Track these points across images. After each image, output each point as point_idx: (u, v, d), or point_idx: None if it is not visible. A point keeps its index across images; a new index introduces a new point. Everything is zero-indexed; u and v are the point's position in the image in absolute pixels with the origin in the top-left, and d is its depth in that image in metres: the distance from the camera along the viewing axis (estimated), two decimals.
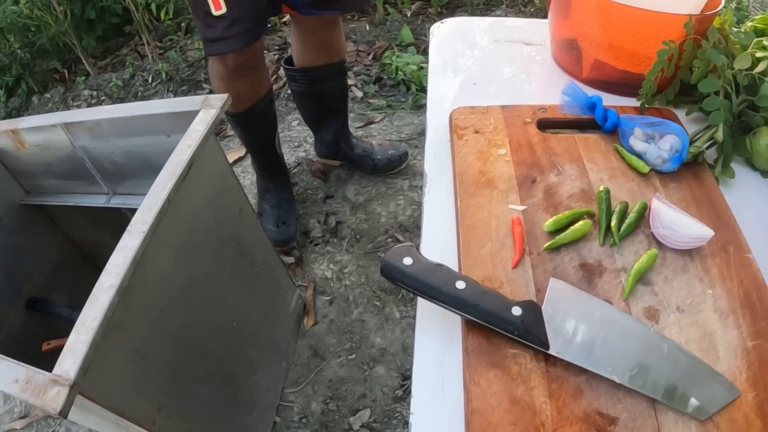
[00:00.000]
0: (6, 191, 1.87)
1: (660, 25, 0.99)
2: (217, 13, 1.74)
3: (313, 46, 2.04)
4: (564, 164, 0.90)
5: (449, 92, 1.14)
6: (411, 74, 2.84)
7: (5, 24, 3.61)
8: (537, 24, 1.37)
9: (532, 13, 3.23)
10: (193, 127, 1.26)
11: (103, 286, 1.02)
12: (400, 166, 2.33)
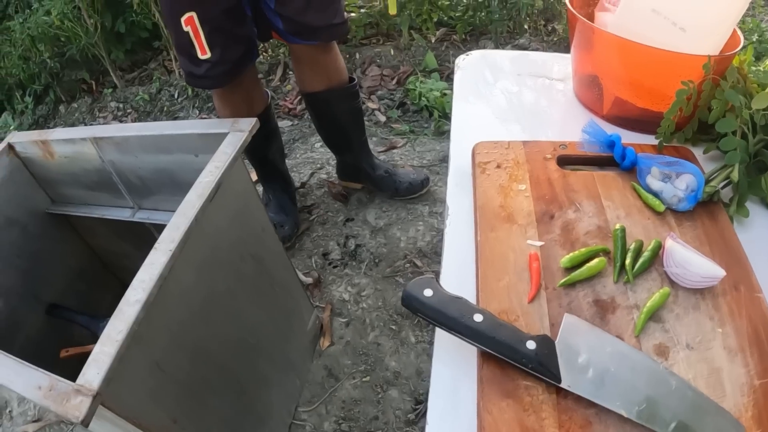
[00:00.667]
0: (32, 199, 1.93)
1: (680, 65, 1.02)
2: (203, 57, 1.84)
3: (310, 71, 2.10)
4: (582, 201, 0.93)
5: (473, 125, 1.18)
6: (434, 100, 2.89)
7: (36, 33, 3.70)
8: (560, 58, 1.41)
9: (554, 42, 3.27)
10: (221, 149, 1.31)
11: (130, 300, 1.06)
12: (421, 192, 2.37)
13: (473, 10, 3.39)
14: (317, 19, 1.88)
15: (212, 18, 1.77)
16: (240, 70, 1.95)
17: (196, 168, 1.48)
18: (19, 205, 1.89)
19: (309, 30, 1.90)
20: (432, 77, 3.13)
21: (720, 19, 1.06)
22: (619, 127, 1.16)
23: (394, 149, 2.70)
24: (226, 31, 1.83)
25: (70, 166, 1.80)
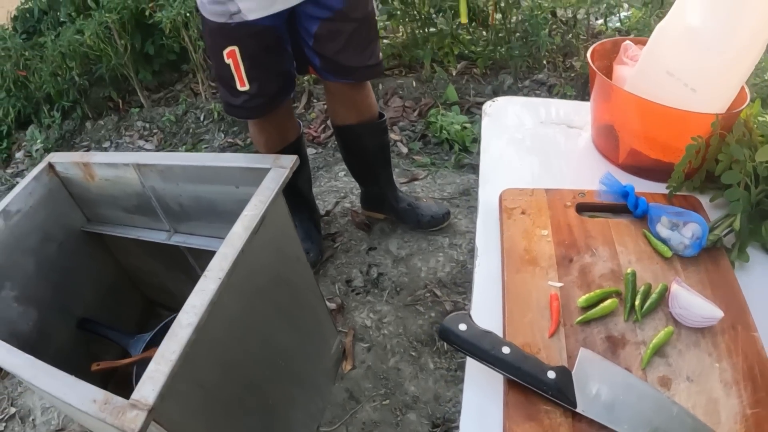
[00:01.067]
0: (69, 217, 2.06)
1: (690, 123, 1.14)
2: (242, 89, 1.97)
3: (342, 106, 2.23)
4: (598, 246, 1.06)
5: (499, 171, 1.30)
6: (455, 134, 3.02)
7: (67, 51, 3.86)
8: (579, 106, 1.53)
9: (572, 78, 3.39)
10: (265, 184, 1.43)
11: (182, 323, 1.18)
12: (442, 225, 2.50)
13: (494, 45, 3.52)
14: (353, 60, 2.00)
15: (253, 53, 1.89)
16: (276, 103, 2.08)
17: (236, 198, 1.62)
18: (57, 223, 2.01)
19: (345, 69, 2.02)
20: (452, 110, 3.26)
21: (728, 81, 1.18)
22: (633, 175, 1.28)
23: (415, 181, 2.83)
24: (265, 66, 1.95)
25: (110, 189, 1.92)
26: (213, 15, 1.85)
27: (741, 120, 1.17)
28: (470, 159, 2.95)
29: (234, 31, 1.85)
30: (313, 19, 1.90)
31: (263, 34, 1.88)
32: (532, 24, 3.25)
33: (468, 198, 2.66)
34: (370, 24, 2.02)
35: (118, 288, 2.31)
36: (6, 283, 1.84)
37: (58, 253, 2.02)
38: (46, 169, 1.95)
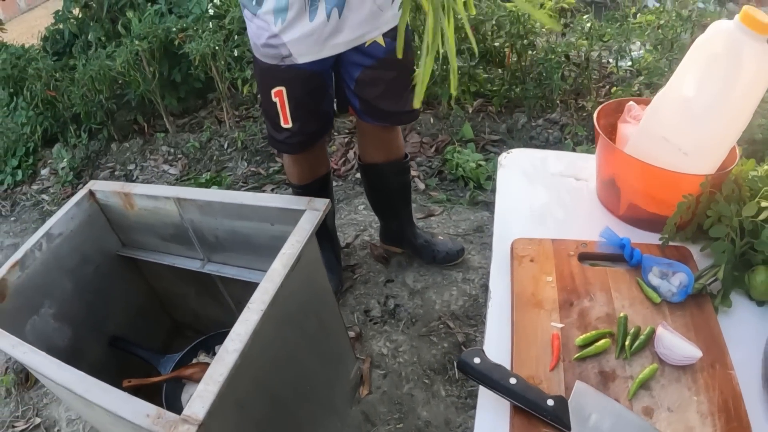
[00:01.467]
0: (106, 242, 2.23)
1: (682, 182, 1.31)
2: (285, 126, 2.14)
3: (372, 145, 2.41)
4: (596, 292, 1.23)
5: (512, 220, 1.48)
6: (470, 171, 3.19)
7: (98, 76, 4.04)
8: (586, 159, 1.70)
9: (583, 117, 3.55)
10: (301, 225, 1.61)
11: (228, 349, 1.36)
12: (456, 260, 2.67)
13: (509, 85, 3.70)
14: (391, 106, 2.17)
15: (298, 95, 2.06)
16: (314, 140, 2.26)
17: (270, 234, 1.80)
18: (94, 246, 2.18)
19: (382, 114, 2.20)
20: (468, 147, 3.44)
21: (718, 146, 1.35)
22: (632, 226, 1.45)
23: (431, 217, 3.01)
24: (308, 107, 2.12)
25: (148, 218, 2.10)
26: (265, 57, 2.01)
27: (731, 177, 1.33)
28: (484, 196, 3.13)
29: (283, 73, 2.01)
30: (357, 66, 2.06)
31: (310, 78, 2.04)
32: (546, 67, 3.43)
33: (481, 235, 2.84)
34: (409, 73, 2.18)
35: (147, 309, 2.48)
36: (45, 301, 2.01)
37: (94, 275, 2.19)
38: (87, 196, 2.13)
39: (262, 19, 1.92)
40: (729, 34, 1.24)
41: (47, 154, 4.73)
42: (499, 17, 3.41)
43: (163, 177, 4.11)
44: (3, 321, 1.74)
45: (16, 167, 4.69)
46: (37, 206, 4.32)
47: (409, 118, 2.33)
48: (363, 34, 1.97)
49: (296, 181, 2.46)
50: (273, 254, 1.81)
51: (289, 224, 1.69)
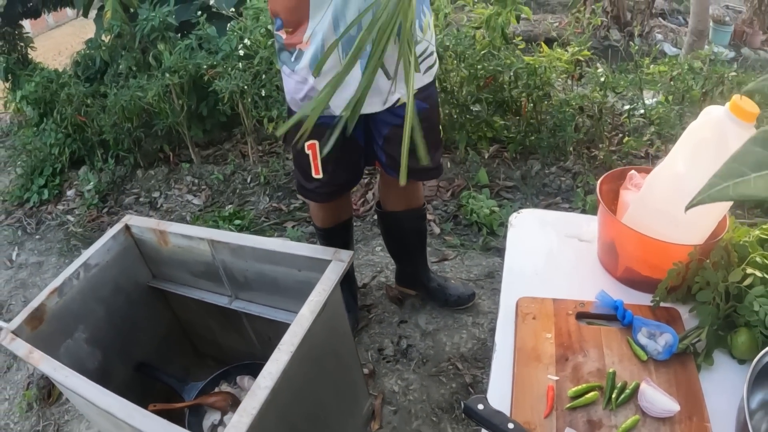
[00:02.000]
0: (137, 273, 2.40)
1: (673, 251, 1.49)
2: (316, 176, 2.28)
3: (394, 195, 2.58)
4: (589, 349, 1.42)
5: (518, 279, 1.67)
6: (484, 217, 3.39)
7: (129, 106, 4.26)
8: (589, 220, 1.88)
9: (595, 166, 3.73)
10: (327, 275, 1.79)
11: (261, 385, 1.53)
12: (467, 304, 2.86)
13: (524, 134, 3.90)
14: (416, 163, 2.28)
15: (331, 149, 2.24)
16: (343, 191, 2.44)
17: (297, 279, 1.98)
18: (126, 277, 2.35)
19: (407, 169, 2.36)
20: (483, 192, 3.63)
21: (706, 219, 1.54)
22: (628, 287, 1.64)
23: (445, 261, 3.20)
24: (339, 160, 2.25)
25: (181, 254, 2.26)
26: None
27: (722, 244, 1.51)
28: (496, 242, 3.32)
29: (317, 128, 2.11)
30: (386, 124, 2.19)
31: (342, 133, 2.22)
32: (560, 119, 3.63)
33: (492, 281, 3.03)
34: (435, 132, 2.34)
35: (171, 336, 2.64)
36: (80, 326, 2.17)
37: (125, 303, 2.36)
38: (123, 230, 2.31)
39: (300, 74, 2.05)
40: (718, 120, 1.43)
41: (73, 175, 4.97)
42: (518, 69, 3.61)
43: (186, 207, 4.31)
44: (40, 343, 1.89)
45: (42, 186, 4.92)
46: (62, 227, 4.52)
47: (433, 174, 2.45)
48: (396, 96, 2.10)
49: (320, 224, 2.64)
50: (298, 296, 1.96)
51: (315, 271, 1.87)
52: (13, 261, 4.30)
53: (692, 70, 3.46)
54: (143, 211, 4.41)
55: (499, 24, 3.71)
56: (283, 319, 2.12)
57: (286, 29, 2.05)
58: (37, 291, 3.85)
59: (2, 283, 4.07)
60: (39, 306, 2.02)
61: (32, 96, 4.78)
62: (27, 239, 4.52)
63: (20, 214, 4.81)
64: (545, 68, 3.60)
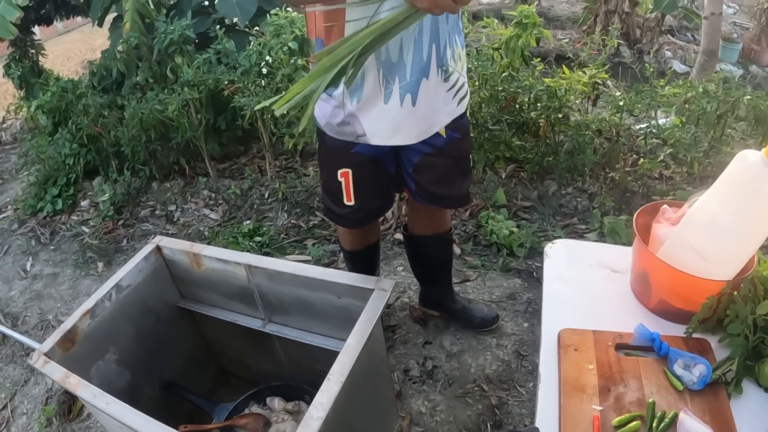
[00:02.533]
0: (167, 293, 2.45)
1: (706, 287, 1.59)
2: (348, 203, 2.32)
3: (421, 221, 2.65)
4: (629, 379, 1.52)
5: (557, 310, 1.77)
6: (503, 238, 3.48)
7: (148, 119, 4.35)
8: (621, 252, 1.99)
9: (611, 188, 3.83)
10: (371, 305, 1.87)
11: (313, 416, 1.61)
12: (491, 327, 2.94)
13: (542, 155, 4.00)
14: (445, 191, 2.35)
15: (363, 177, 2.25)
16: (374, 217, 2.50)
17: (336, 306, 2.05)
18: (156, 297, 2.40)
19: (436, 197, 2.37)
20: (501, 212, 3.73)
21: (738, 257, 1.63)
22: (661, 318, 1.74)
23: (467, 282, 3.29)
24: (371, 188, 2.30)
25: (214, 277, 2.31)
26: (340, 135, 2.15)
27: (749, 279, 1.61)
28: (516, 264, 3.42)
29: (352, 156, 2.18)
30: (417, 152, 2.22)
31: (375, 163, 2.22)
32: (579, 142, 3.73)
33: (513, 302, 3.12)
34: (465, 161, 2.40)
35: (198, 356, 2.70)
36: (111, 347, 2.22)
37: (155, 324, 2.41)
38: (154, 251, 2.36)
39: (337, 99, 2.06)
40: (753, 165, 1.52)
41: (87, 186, 5.05)
42: (538, 91, 3.71)
43: (204, 221, 4.39)
44: (71, 365, 1.93)
45: (56, 196, 4.99)
46: (76, 238, 4.59)
47: (461, 202, 2.54)
48: (432, 126, 2.15)
49: (348, 247, 2.72)
50: (335, 322, 2.08)
51: (356, 299, 1.95)
52: (27, 271, 4.35)
53: (707, 93, 3.55)
54: (159, 225, 4.49)
55: (519, 46, 3.82)
56: (318, 344, 2.19)
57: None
58: (52, 303, 3.95)
59: (17, 294, 4.12)
60: (71, 328, 2.06)
61: (47, 105, 4.85)
62: (41, 249, 4.58)
63: (33, 224, 4.87)
64: (565, 91, 3.69)
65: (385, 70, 1.97)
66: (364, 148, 2.18)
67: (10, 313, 3.91)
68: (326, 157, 2.33)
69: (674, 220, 1.80)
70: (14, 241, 4.74)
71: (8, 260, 4.55)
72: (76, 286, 4.06)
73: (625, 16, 8.30)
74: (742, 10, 11.17)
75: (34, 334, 3.66)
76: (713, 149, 3.60)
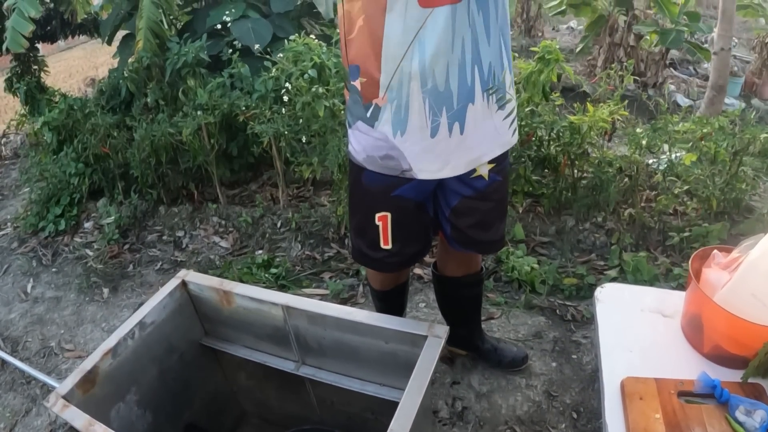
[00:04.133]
0: (191, 330, 2.40)
1: (764, 332, 1.64)
2: (385, 247, 2.24)
3: (453, 263, 2.61)
4: (694, 426, 1.55)
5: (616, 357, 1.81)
6: (525, 275, 3.51)
7: (160, 143, 4.35)
8: (669, 295, 2.03)
9: (629, 223, 3.89)
10: (427, 354, 1.86)
11: None
12: (521, 367, 2.94)
13: (560, 191, 4.04)
14: (481, 235, 2.30)
15: (403, 221, 2.19)
16: (413, 262, 2.46)
17: (382, 351, 2.02)
18: (181, 335, 2.35)
19: (471, 242, 2.33)
20: (519, 248, 3.76)
21: None
22: (714, 362, 1.78)
23: (492, 320, 3.29)
24: (410, 232, 2.25)
25: (245, 316, 2.27)
26: (381, 168, 2.07)
27: None
28: (538, 301, 3.44)
29: (392, 200, 2.12)
30: (456, 194, 2.17)
31: (415, 208, 2.17)
32: (602, 179, 3.77)
33: (540, 341, 3.13)
34: (504, 204, 2.35)
35: (220, 396, 2.62)
36: (132, 388, 2.15)
37: (179, 363, 2.35)
38: (179, 287, 2.31)
39: (380, 131, 2.00)
40: None
41: (91, 207, 4.99)
42: (561, 128, 3.76)
43: (213, 249, 4.36)
44: (91, 408, 1.88)
45: (59, 216, 4.93)
46: (80, 260, 4.52)
47: (496, 247, 2.48)
48: (482, 155, 2.08)
49: (378, 287, 2.67)
50: (380, 367, 2.06)
51: (404, 344, 1.93)
52: (28, 293, 4.28)
53: (722, 130, 3.62)
54: (167, 251, 4.46)
55: (541, 81, 3.87)
56: (358, 389, 2.14)
57: (360, 79, 1.99)
58: (55, 329, 3.86)
59: (17, 317, 4.03)
60: (92, 368, 1.99)
61: (54, 123, 4.83)
62: (43, 271, 4.52)
63: (35, 243, 4.82)
64: (588, 128, 3.73)
65: (431, 100, 1.92)
66: (407, 191, 2.13)
67: (10, 337, 3.83)
68: (363, 198, 2.24)
69: (724, 265, 1.84)
70: (14, 260, 4.68)
71: (8, 280, 4.48)
72: (80, 312, 3.98)
73: (630, 49, 8.43)
74: (741, 43, 11.39)
75: (35, 362, 3.57)
76: (728, 186, 3.67)
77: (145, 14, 4.99)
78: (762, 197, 4.06)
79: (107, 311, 3.94)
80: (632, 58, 8.28)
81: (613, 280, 3.44)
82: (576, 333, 3.20)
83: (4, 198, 5.93)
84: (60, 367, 3.50)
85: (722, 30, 6.10)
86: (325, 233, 4.22)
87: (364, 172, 2.14)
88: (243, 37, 4.88)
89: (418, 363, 1.84)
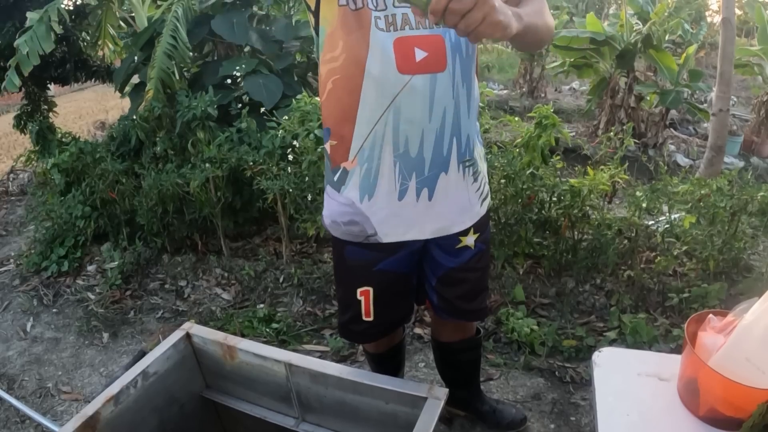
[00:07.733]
0: (192, 382, 2.37)
1: (759, 395, 1.66)
2: (366, 319, 2.26)
3: (446, 330, 2.63)
4: None
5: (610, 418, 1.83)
6: (524, 336, 3.54)
7: (167, 192, 4.42)
8: (666, 359, 2.05)
9: (628, 285, 3.93)
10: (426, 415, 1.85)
11: None
12: (519, 428, 2.95)
13: (561, 253, 4.10)
14: (467, 305, 2.33)
15: (384, 295, 2.21)
16: (393, 329, 2.46)
17: (381, 411, 2.02)
18: (182, 386, 2.31)
19: (458, 312, 2.35)
20: (519, 309, 3.79)
21: None
22: (709, 425, 1.80)
23: (491, 381, 3.32)
24: (392, 305, 2.27)
25: (247, 371, 2.24)
26: (347, 235, 2.10)
27: None
28: (538, 362, 3.46)
29: (374, 275, 2.15)
30: (441, 265, 2.21)
31: (398, 280, 2.20)
32: (601, 241, 3.83)
33: (538, 402, 3.15)
34: (487, 273, 2.40)
35: None
36: None
37: (179, 415, 2.32)
38: (184, 338, 2.29)
39: (346, 197, 2.01)
40: None
41: (95, 250, 5.03)
42: (562, 191, 3.82)
43: (215, 300, 4.38)
44: None
45: (62, 257, 4.96)
46: (81, 303, 4.53)
47: (482, 314, 2.49)
48: (450, 225, 2.10)
49: (372, 350, 2.68)
50: (378, 427, 2.06)
51: (404, 405, 1.93)
52: (27, 332, 4.28)
53: (720, 191, 3.69)
54: (169, 300, 4.47)
55: (540, 145, 3.94)
56: None
57: (331, 142, 2.01)
58: (53, 370, 3.86)
59: (15, 355, 4.03)
60: (94, 414, 1.95)
61: (64, 165, 4.90)
62: (43, 311, 4.52)
63: (36, 282, 4.83)
64: (588, 191, 3.79)
65: (402, 164, 1.93)
66: (390, 264, 2.14)
67: (7, 375, 3.81)
68: (345, 273, 2.27)
69: (719, 329, 1.89)
70: (15, 297, 4.69)
71: (7, 317, 4.48)
72: (78, 355, 3.99)
73: (631, 110, 8.55)
74: (740, 101, 11.53)
75: (31, 401, 3.55)
76: (726, 245, 3.72)
77: (158, 64, 5.10)
78: (761, 255, 4.14)
79: (106, 356, 3.95)
80: (633, 119, 8.43)
81: (612, 342, 3.50)
82: (575, 395, 3.22)
83: (8, 234, 5.98)
84: (56, 408, 3.50)
85: (720, 92, 6.21)
86: (326, 290, 4.24)
87: (347, 247, 2.15)
88: (254, 93, 4.98)
89: (417, 424, 1.84)
